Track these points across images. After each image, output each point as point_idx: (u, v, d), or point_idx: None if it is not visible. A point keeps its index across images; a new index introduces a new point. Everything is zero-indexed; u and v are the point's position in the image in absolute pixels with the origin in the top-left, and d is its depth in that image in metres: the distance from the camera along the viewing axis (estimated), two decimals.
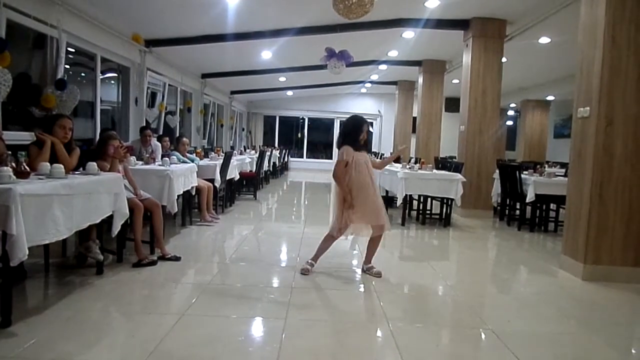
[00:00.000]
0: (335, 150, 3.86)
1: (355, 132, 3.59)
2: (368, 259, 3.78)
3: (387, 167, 6.72)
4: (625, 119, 3.75)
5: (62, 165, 2.90)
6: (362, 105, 16.57)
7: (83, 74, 6.54)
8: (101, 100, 6.43)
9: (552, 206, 6.16)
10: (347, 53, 7.52)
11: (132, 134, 7.16)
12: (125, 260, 3.69)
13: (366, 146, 3.73)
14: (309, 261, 3.72)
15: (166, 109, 8.44)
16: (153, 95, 8.25)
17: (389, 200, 6.93)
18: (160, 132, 8.28)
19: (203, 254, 4.27)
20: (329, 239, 3.71)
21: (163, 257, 3.80)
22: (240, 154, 10.04)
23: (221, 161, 6.30)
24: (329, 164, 14.02)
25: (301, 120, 17.69)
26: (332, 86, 13.47)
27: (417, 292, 3.46)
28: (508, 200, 6.64)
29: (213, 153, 7.49)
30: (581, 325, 2.96)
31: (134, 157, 4.93)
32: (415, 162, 6.66)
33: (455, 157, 8.64)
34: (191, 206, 5.53)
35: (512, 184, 6.16)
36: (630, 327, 3.05)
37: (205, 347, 2.29)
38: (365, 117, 3.80)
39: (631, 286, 3.67)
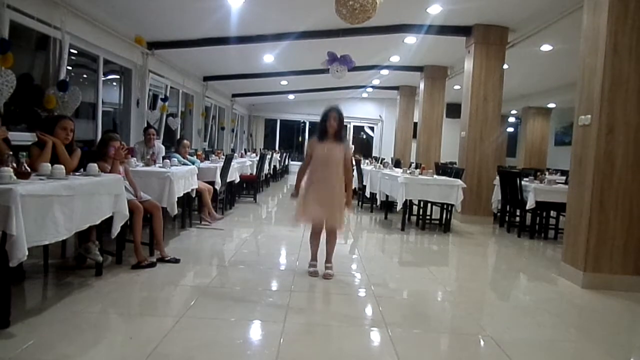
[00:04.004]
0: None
1: (322, 122, 3.59)
2: (327, 258, 3.74)
3: (388, 172, 6.74)
4: (626, 127, 3.76)
5: (62, 166, 2.91)
6: (363, 110, 16.58)
7: (85, 76, 6.55)
8: (103, 102, 6.44)
9: (552, 213, 6.16)
10: (349, 57, 7.53)
11: (134, 135, 7.17)
12: (124, 262, 3.68)
13: (336, 136, 3.59)
14: (311, 262, 3.74)
15: (168, 111, 8.46)
16: (155, 98, 8.26)
17: (389, 205, 6.93)
18: (162, 134, 8.31)
19: (202, 257, 4.27)
20: (312, 236, 3.75)
21: (162, 259, 3.79)
22: (241, 156, 10.05)
23: (222, 164, 6.31)
24: None
25: (302, 124, 17.71)
26: (334, 90, 13.48)
27: (416, 298, 3.46)
28: (508, 207, 6.63)
29: (214, 155, 7.50)
30: (581, 333, 2.95)
31: (135, 158, 4.94)
32: (416, 168, 6.66)
33: (455, 163, 8.65)
34: (191, 208, 5.53)
35: (513, 190, 6.16)
36: (630, 335, 3.04)
37: (203, 350, 2.29)
38: (366, 121, 3.80)
39: (631, 294, 3.67)
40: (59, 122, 3.37)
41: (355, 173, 8.47)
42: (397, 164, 9.88)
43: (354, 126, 17.01)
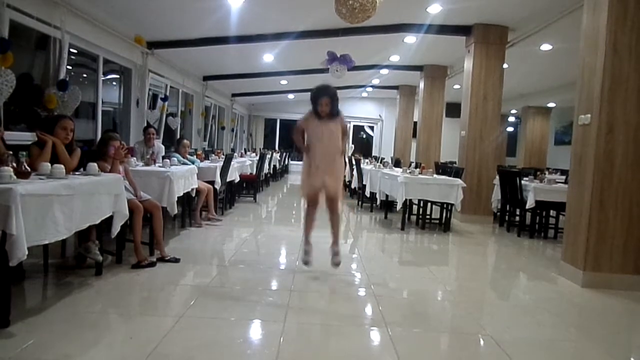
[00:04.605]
0: None
1: (313, 103, 3.62)
2: (334, 240, 3.75)
3: (388, 171, 6.74)
4: (626, 126, 3.76)
5: (62, 166, 2.91)
6: (363, 109, 16.57)
7: (85, 75, 6.55)
8: (103, 102, 6.44)
9: (552, 213, 6.16)
10: (349, 57, 7.53)
11: (133, 135, 7.16)
12: (124, 261, 3.68)
13: (331, 116, 3.61)
14: (305, 247, 3.74)
15: (167, 110, 8.46)
16: (155, 97, 8.26)
17: (389, 205, 6.93)
18: (162, 134, 8.31)
19: (202, 256, 4.27)
20: (308, 212, 3.77)
21: (162, 259, 3.79)
22: (241, 156, 10.05)
23: (221, 163, 6.31)
24: None
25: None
26: None
27: (416, 297, 3.46)
28: (508, 206, 6.63)
29: (213, 155, 7.50)
30: (581, 332, 2.96)
31: (135, 158, 4.93)
32: (416, 167, 6.66)
33: (455, 163, 8.65)
34: (191, 208, 5.53)
35: (512, 190, 6.16)
36: (629, 334, 3.05)
37: (204, 349, 2.29)
38: (366, 121, 3.82)
39: (631, 294, 3.67)
40: (59, 122, 3.37)
41: (355, 172, 8.50)
42: (397, 163, 9.89)
43: (354, 125, 17.00)
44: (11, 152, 2.77)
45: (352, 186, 8.70)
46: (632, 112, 3.75)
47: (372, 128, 17.29)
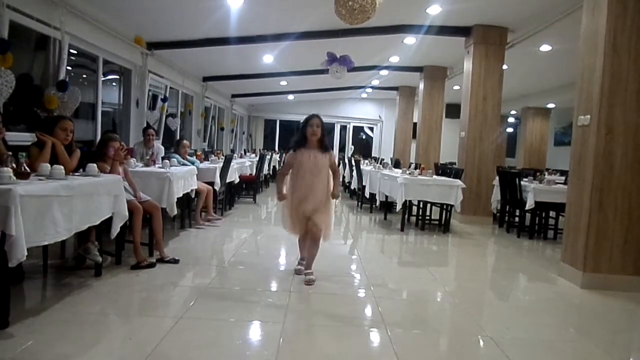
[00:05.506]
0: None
1: (303, 129, 3.59)
2: (307, 264, 3.65)
3: (387, 172, 6.74)
4: (625, 127, 3.76)
5: (62, 167, 2.91)
6: (362, 110, 16.58)
7: (85, 76, 6.55)
8: (102, 102, 6.44)
9: (552, 213, 6.16)
10: (349, 58, 7.53)
11: (133, 136, 7.16)
12: (123, 262, 3.68)
13: (321, 145, 3.58)
14: (300, 261, 3.75)
15: (167, 111, 8.47)
16: (154, 98, 8.26)
17: (389, 206, 6.93)
18: (161, 135, 8.30)
19: (202, 257, 4.27)
20: (300, 239, 3.75)
21: (162, 260, 3.79)
22: (241, 157, 10.05)
23: (221, 164, 6.31)
24: None
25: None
26: (333, 91, 13.48)
27: (416, 298, 3.46)
28: (508, 207, 6.64)
29: (213, 156, 7.50)
30: (580, 333, 2.95)
31: (134, 158, 4.93)
32: (415, 168, 6.66)
33: (455, 163, 8.65)
34: (190, 209, 5.53)
35: (512, 191, 6.16)
36: (629, 335, 3.05)
37: (203, 350, 2.29)
38: (366, 122, 3.80)
39: (630, 294, 3.67)
40: (58, 123, 3.37)
41: (354, 174, 8.50)
42: (396, 164, 9.89)
43: (354, 126, 17.02)
44: (10, 153, 2.77)
45: (352, 187, 8.70)
46: (632, 112, 3.75)
47: (371, 129, 17.29)
